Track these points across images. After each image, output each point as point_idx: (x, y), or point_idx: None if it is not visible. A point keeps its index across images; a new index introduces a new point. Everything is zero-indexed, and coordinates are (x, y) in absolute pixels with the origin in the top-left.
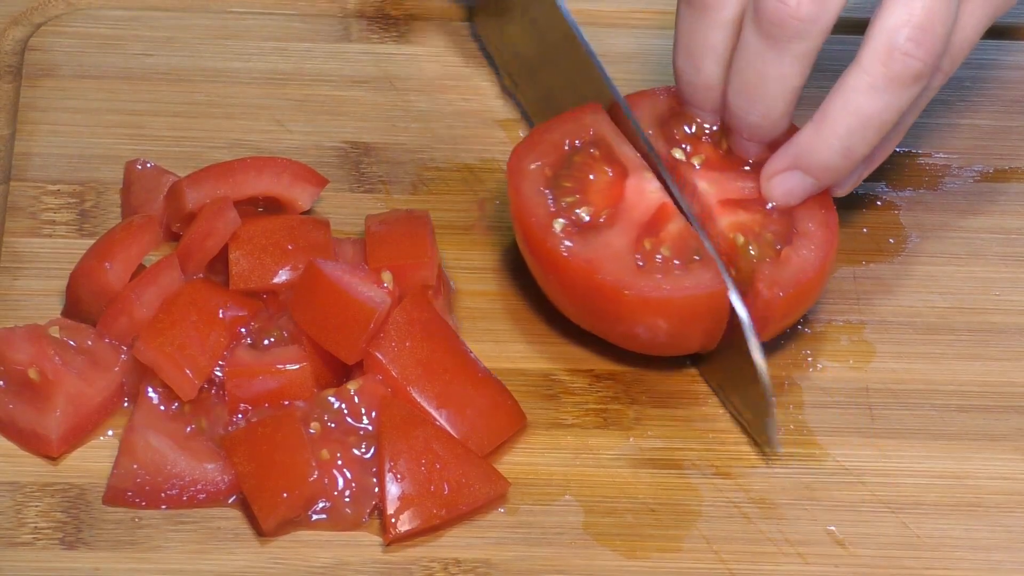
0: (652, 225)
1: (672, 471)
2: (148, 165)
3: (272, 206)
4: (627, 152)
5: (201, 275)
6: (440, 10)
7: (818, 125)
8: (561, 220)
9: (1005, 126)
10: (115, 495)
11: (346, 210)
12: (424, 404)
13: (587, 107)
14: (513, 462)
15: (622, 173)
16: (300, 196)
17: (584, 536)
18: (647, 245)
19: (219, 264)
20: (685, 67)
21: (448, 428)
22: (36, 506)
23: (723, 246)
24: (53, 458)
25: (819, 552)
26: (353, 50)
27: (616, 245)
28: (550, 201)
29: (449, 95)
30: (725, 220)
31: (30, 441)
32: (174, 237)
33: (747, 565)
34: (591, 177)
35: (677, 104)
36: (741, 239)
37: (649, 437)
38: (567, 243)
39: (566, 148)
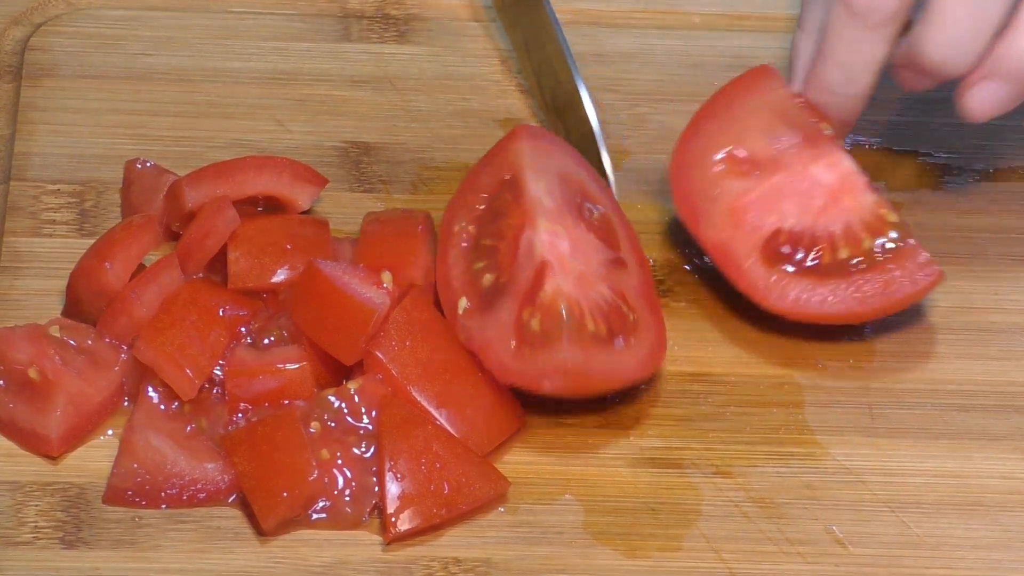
0: (533, 289)
1: (672, 470)
2: (148, 164)
3: (272, 205)
4: (532, 194)
5: (201, 275)
6: (440, 10)
7: (1011, 31)
8: (464, 300)
9: (1005, 126)
10: (115, 494)
11: (346, 210)
12: (424, 403)
13: (516, 132)
14: (513, 461)
15: (524, 223)
16: (300, 196)
17: (584, 535)
18: (526, 316)
19: (219, 264)
20: (838, 80)
21: (448, 427)
22: (36, 505)
23: (864, 221)
24: (53, 458)
25: (819, 551)
26: (353, 50)
27: (502, 321)
28: (463, 272)
29: (449, 95)
30: (865, 199)
31: (30, 441)
32: (174, 237)
33: (747, 564)
34: (503, 230)
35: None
36: (886, 215)
37: (649, 436)
38: (466, 326)
39: (487, 197)
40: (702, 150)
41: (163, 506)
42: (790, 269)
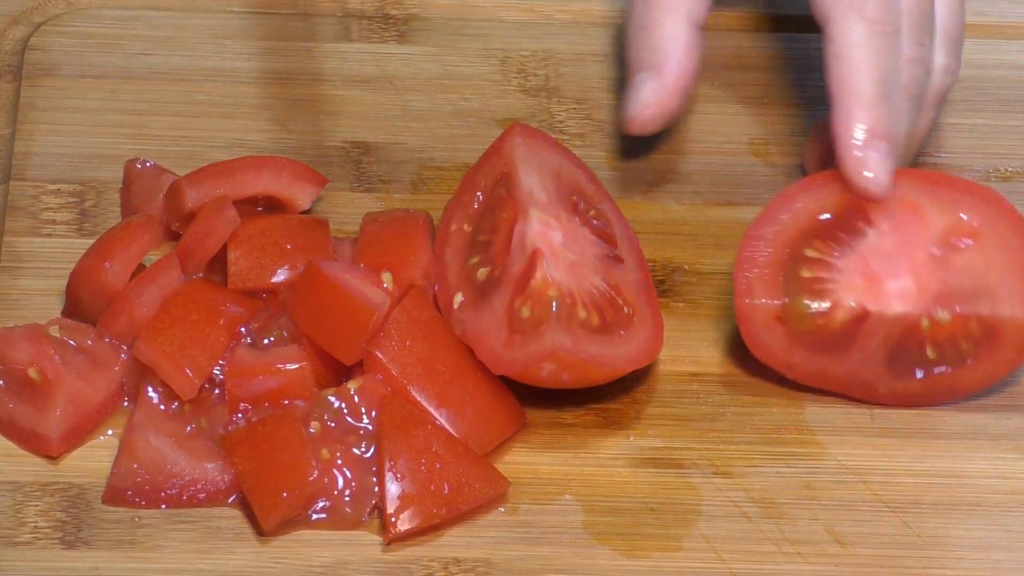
0: (524, 278)
1: (672, 470)
2: (148, 164)
3: (271, 205)
4: (524, 187)
5: (201, 274)
6: (440, 10)
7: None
8: (459, 295)
9: (1005, 126)
10: (115, 495)
11: (346, 210)
12: (424, 403)
13: (511, 130)
14: (513, 461)
15: (516, 216)
16: (299, 195)
17: (584, 535)
18: (517, 305)
19: (219, 263)
20: (883, 92)
21: (448, 427)
22: (36, 506)
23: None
24: (53, 458)
25: (819, 551)
26: (353, 50)
27: (495, 312)
28: (459, 268)
29: (449, 95)
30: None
31: (30, 441)
32: (174, 236)
33: (747, 564)
34: (498, 224)
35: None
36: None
37: (649, 436)
38: (460, 320)
39: (482, 194)
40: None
41: (163, 506)
42: None
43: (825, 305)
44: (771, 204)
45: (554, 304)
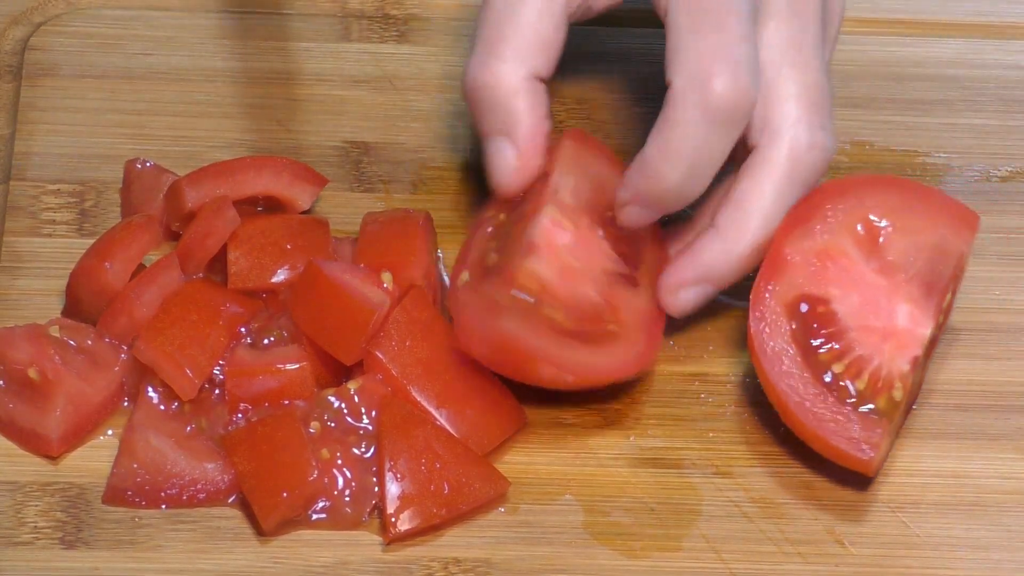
0: (515, 267)
1: (672, 470)
2: (148, 164)
3: (271, 205)
4: (552, 185)
5: (201, 274)
6: (440, 10)
7: (723, 237)
8: (466, 274)
9: (1005, 126)
10: (115, 495)
11: (346, 210)
12: (424, 403)
13: (566, 133)
14: (513, 461)
15: (536, 210)
16: (299, 195)
17: (584, 535)
18: (499, 290)
19: (219, 264)
20: (686, 182)
21: (448, 427)
22: (36, 506)
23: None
24: (53, 458)
25: (819, 551)
26: (353, 50)
27: (482, 293)
28: (479, 252)
29: (449, 95)
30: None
31: (30, 441)
32: (174, 236)
33: (747, 564)
34: (523, 215)
35: None
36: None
37: (649, 437)
38: (454, 295)
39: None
40: None
41: (163, 506)
42: None
43: (900, 388)
44: (757, 335)
45: (525, 295)
